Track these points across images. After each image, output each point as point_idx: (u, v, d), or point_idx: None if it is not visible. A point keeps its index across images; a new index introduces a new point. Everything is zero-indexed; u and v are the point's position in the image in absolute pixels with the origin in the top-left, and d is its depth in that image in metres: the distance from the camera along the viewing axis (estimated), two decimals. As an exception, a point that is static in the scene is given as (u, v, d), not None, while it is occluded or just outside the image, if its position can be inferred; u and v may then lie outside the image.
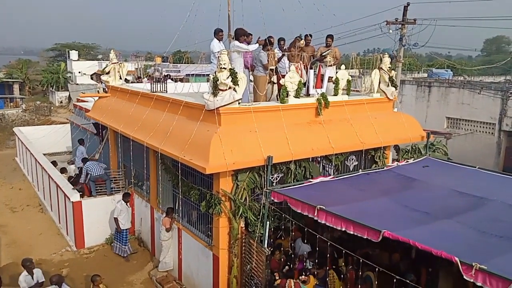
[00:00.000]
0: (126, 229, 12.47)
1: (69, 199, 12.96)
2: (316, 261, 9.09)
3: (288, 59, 10.76)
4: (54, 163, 17.11)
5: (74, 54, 54.32)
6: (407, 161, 10.90)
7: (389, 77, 11.50)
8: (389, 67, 11.60)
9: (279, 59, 10.37)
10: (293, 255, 9.44)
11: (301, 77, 10.15)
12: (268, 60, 9.94)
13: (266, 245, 8.66)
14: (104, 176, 13.41)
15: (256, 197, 9.21)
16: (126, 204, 12.44)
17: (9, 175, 21.62)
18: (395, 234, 6.16)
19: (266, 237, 8.75)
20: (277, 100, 9.81)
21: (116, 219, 12.22)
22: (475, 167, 10.31)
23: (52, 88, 53.30)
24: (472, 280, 5.30)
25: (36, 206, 17.03)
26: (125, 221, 12.36)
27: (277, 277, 8.73)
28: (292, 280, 8.40)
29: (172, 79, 21.67)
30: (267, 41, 10.10)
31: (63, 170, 16.54)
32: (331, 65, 11.01)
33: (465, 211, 7.56)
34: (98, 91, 17.52)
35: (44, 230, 14.73)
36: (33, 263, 9.21)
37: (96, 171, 13.23)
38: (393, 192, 8.58)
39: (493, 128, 21.72)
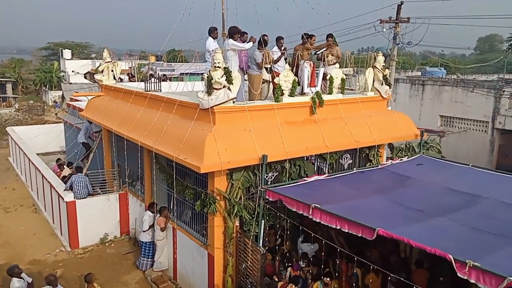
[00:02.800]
0: (151, 242, 11.53)
1: (63, 199, 12.89)
2: (311, 259, 9.13)
3: (300, 58, 10.73)
4: (58, 161, 17.08)
5: (67, 53, 54.16)
6: (401, 159, 10.94)
7: (383, 75, 11.54)
8: (383, 66, 11.64)
9: (279, 58, 10.33)
10: (287, 254, 9.43)
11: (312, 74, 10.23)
12: (262, 59, 9.92)
13: (261, 244, 8.67)
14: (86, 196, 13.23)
15: (251, 196, 9.21)
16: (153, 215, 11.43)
17: (2, 175, 21.49)
18: (390, 232, 6.18)
19: (261, 236, 8.76)
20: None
21: (144, 232, 11.41)
22: (469, 165, 10.36)
23: (46, 88, 53.04)
24: (465, 277, 5.32)
25: (29, 206, 16.94)
26: (152, 233, 11.41)
27: (276, 279, 8.69)
28: (294, 285, 8.38)
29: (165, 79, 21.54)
30: (261, 39, 10.08)
31: (60, 166, 16.49)
32: (331, 64, 11.01)
33: (459, 208, 7.60)
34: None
35: (38, 230, 14.65)
36: (20, 267, 9.09)
37: (80, 193, 12.98)
38: (388, 190, 8.61)
39: (486, 126, 21.84)
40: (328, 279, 8.48)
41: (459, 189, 8.60)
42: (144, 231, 11.39)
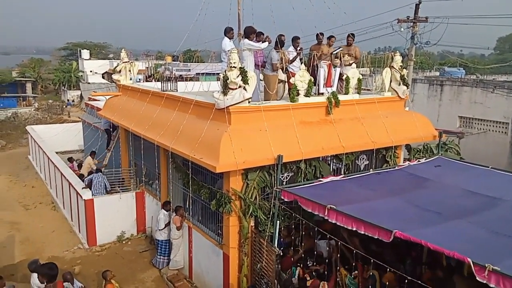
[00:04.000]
0: (167, 240, 11.62)
1: (81, 197, 13.08)
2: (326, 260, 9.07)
3: (317, 58, 10.72)
4: (70, 159, 17.33)
5: (85, 53, 54.96)
6: (419, 161, 10.80)
7: (401, 75, 11.40)
8: (400, 66, 11.50)
9: (294, 59, 10.31)
10: (302, 255, 9.40)
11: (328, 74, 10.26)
12: (278, 60, 9.92)
13: (276, 245, 8.65)
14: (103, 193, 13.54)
15: (266, 196, 9.21)
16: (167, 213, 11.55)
17: (22, 173, 21.92)
18: (407, 234, 6.10)
19: (276, 236, 8.74)
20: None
21: (160, 230, 11.52)
22: (488, 167, 10.17)
23: (64, 87, 53.94)
24: (485, 281, 5.23)
25: (48, 204, 17.25)
26: (168, 232, 11.51)
27: (308, 278, 8.67)
28: (326, 283, 8.34)
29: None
30: (277, 39, 10.08)
31: (79, 166, 16.79)
32: (348, 65, 10.91)
33: (478, 211, 7.47)
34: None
35: (56, 227, 14.91)
36: (40, 263, 9.24)
37: (98, 192, 13.35)
38: (405, 192, 8.50)
39: (506, 128, 21.40)
40: (356, 272, 8.44)
41: (478, 192, 8.45)
42: (160, 230, 11.49)
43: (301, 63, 10.47)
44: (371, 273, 8.23)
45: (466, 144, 19.66)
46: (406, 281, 6.38)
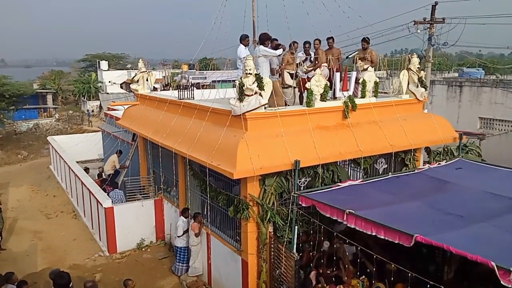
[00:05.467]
0: (186, 247, 11.65)
1: (101, 205, 13.26)
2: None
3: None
4: (86, 170, 17.61)
5: (104, 64, 56.03)
6: (439, 164, 10.62)
7: (418, 77, 11.27)
8: (418, 68, 11.38)
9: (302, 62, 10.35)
10: (323, 259, 9.30)
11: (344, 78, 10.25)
12: (278, 65, 10.07)
13: (294, 250, 8.60)
14: None
15: (284, 201, 9.17)
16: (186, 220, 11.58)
17: (43, 182, 22.34)
18: (428, 238, 5.99)
19: (295, 242, 8.69)
20: (300, 104, 9.77)
21: (179, 237, 11.56)
22: (511, 169, 9.94)
23: (84, 98, 54.97)
24: (510, 286, 5.09)
25: (69, 213, 17.51)
26: (187, 238, 11.50)
27: (325, 285, 8.59)
28: (342, 286, 8.24)
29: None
30: (290, 46, 10.12)
31: (99, 176, 17.05)
32: (365, 69, 10.84)
33: (501, 214, 7.28)
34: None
35: (77, 235, 15.12)
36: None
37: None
38: (425, 196, 8.36)
39: (529, 128, 20.95)
40: (364, 276, 8.32)
41: (501, 194, 8.24)
42: (178, 237, 11.55)
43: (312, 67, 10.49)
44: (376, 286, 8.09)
45: (487, 146, 19.26)
46: (428, 286, 6.24)
